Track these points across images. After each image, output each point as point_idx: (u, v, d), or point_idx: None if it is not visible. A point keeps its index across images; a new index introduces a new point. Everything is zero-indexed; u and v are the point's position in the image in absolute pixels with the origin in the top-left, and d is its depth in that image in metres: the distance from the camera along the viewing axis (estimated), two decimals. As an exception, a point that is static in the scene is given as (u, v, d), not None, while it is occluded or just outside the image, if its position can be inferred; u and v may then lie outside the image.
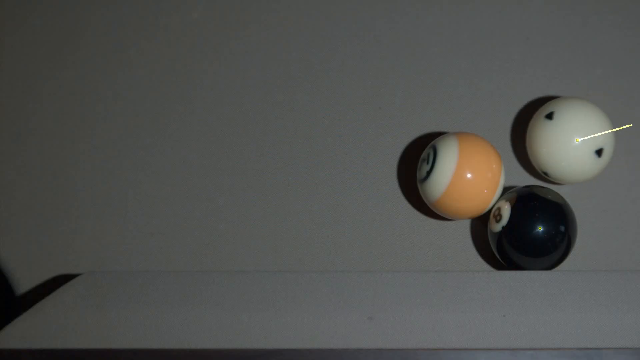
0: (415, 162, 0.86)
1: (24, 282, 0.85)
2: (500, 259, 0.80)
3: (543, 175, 0.82)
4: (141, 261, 0.85)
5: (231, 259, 0.85)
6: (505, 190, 0.80)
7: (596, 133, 0.78)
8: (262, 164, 0.86)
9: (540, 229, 0.77)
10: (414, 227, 0.84)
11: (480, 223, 0.84)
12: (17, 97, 0.89)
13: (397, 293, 0.74)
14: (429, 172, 0.79)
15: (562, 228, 0.78)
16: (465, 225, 0.84)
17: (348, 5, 0.89)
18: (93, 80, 0.89)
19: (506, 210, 0.78)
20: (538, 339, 0.69)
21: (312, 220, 0.85)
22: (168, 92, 0.88)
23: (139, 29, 0.90)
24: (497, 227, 0.79)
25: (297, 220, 0.85)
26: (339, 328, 0.70)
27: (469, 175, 0.78)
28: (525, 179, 0.84)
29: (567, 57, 0.87)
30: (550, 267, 0.79)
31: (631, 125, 0.85)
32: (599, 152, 0.79)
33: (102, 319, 0.72)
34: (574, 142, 0.79)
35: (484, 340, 0.69)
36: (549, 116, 0.79)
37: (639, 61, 0.87)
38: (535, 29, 0.88)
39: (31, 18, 0.90)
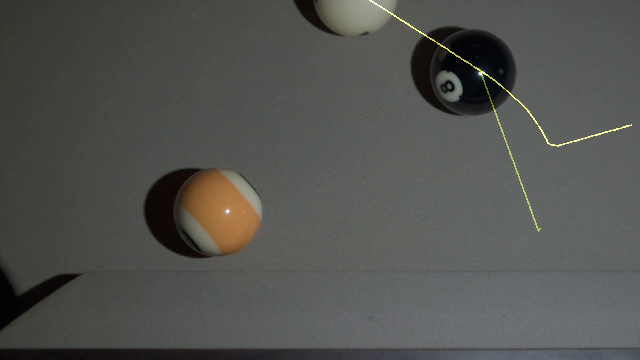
0: (414, 161, 0.86)
1: (24, 282, 0.85)
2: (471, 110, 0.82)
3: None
4: (141, 261, 0.85)
5: (232, 259, 0.85)
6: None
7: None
8: (262, 164, 0.86)
9: (482, 71, 0.80)
10: (414, 227, 0.84)
11: (478, 223, 0.84)
12: (17, 97, 0.89)
13: (397, 293, 0.74)
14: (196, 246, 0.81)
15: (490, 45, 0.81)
16: (466, 225, 0.84)
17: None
18: (93, 80, 0.89)
19: (454, 78, 0.79)
20: (538, 339, 0.69)
21: (312, 220, 0.85)
22: (168, 92, 0.88)
23: (139, 29, 0.90)
24: (454, 97, 0.81)
25: (297, 220, 0.85)
26: (339, 328, 0.70)
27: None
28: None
29: (567, 57, 0.87)
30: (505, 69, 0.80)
31: (631, 125, 0.85)
32: None
33: (102, 319, 0.72)
34: None
35: (484, 340, 0.69)
36: None
37: (639, 61, 0.87)
38: (535, 29, 0.88)
39: (31, 18, 0.90)
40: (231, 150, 0.87)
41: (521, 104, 0.84)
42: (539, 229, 0.83)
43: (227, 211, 0.79)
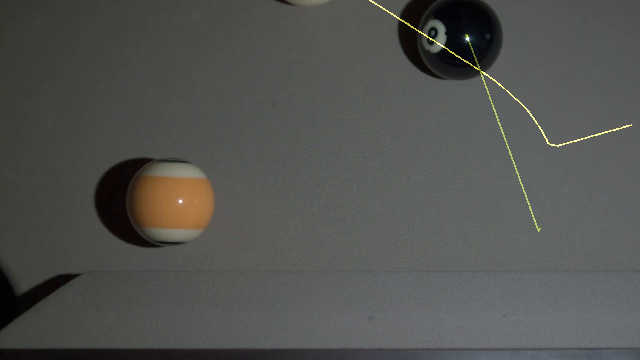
0: (414, 161, 0.86)
1: (24, 282, 0.85)
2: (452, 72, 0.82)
3: None
4: (141, 261, 0.85)
5: (231, 259, 0.85)
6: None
7: None
8: (262, 164, 0.86)
9: (468, 37, 0.80)
10: (414, 227, 0.84)
11: (478, 223, 0.84)
12: (17, 97, 0.89)
13: (397, 293, 0.74)
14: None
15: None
16: (466, 225, 0.84)
17: (347, 5, 0.89)
18: (93, 80, 0.89)
19: (438, 25, 0.79)
20: (538, 339, 0.69)
21: (312, 220, 0.85)
22: (168, 92, 0.88)
23: (139, 29, 0.90)
24: (439, 42, 0.81)
25: (297, 220, 0.85)
26: (339, 328, 0.70)
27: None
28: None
29: (567, 57, 0.87)
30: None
31: (631, 125, 0.85)
32: None
33: (102, 319, 0.72)
34: None
35: (484, 340, 0.69)
36: None
37: (639, 61, 0.87)
38: (535, 29, 0.87)
39: (31, 18, 0.90)
40: (231, 150, 0.87)
41: (521, 104, 0.84)
42: (539, 229, 0.83)
43: (178, 202, 0.79)
